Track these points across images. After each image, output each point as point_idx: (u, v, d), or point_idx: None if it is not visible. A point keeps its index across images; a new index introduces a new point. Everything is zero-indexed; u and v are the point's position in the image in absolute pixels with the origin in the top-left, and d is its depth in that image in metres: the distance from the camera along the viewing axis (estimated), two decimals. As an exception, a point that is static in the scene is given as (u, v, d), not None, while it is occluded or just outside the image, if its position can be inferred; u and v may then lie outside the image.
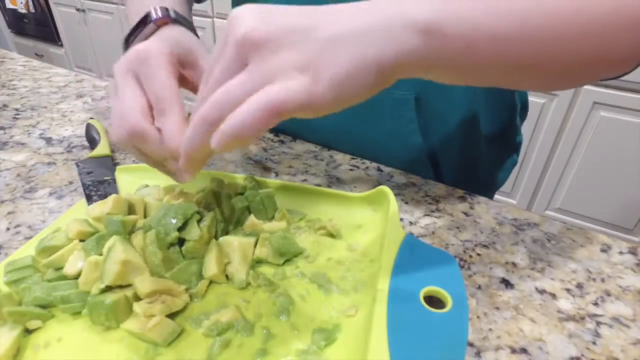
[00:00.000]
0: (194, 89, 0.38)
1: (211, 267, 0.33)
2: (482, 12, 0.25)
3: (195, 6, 2.23)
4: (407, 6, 0.24)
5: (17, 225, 0.41)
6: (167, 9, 0.39)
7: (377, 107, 0.53)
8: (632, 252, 0.39)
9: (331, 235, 0.39)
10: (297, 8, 0.25)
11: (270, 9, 0.25)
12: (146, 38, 0.38)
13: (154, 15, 0.39)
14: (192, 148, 0.27)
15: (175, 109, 0.32)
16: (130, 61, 0.33)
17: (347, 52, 0.23)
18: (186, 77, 0.38)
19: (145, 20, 0.39)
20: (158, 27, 0.39)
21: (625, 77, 1.24)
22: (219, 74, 0.26)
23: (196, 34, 0.41)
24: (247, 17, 0.24)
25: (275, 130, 0.62)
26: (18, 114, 0.66)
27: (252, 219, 0.39)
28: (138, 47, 0.33)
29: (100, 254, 0.32)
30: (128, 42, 0.41)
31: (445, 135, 0.55)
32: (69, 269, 0.32)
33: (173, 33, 0.38)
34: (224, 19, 1.99)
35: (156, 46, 0.33)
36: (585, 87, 1.39)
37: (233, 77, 0.25)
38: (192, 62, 0.37)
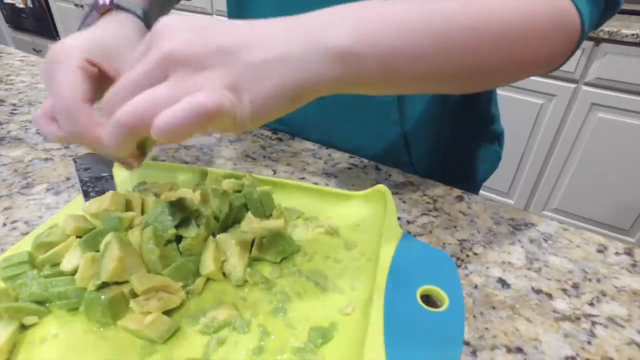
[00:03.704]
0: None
1: (208, 265, 0.33)
2: (398, 34, 0.27)
3: (195, 3, 2.21)
4: (325, 33, 0.25)
5: (14, 221, 0.41)
6: None
7: (362, 108, 0.54)
8: (628, 252, 0.39)
9: (328, 233, 0.39)
10: (225, 27, 0.25)
11: (199, 26, 0.25)
12: (89, 26, 0.37)
13: (100, 2, 0.37)
14: (114, 149, 0.26)
15: (74, 115, 0.29)
16: (47, 64, 0.31)
17: (268, 77, 0.24)
18: (107, 72, 0.34)
19: (96, 7, 0.38)
20: (101, 14, 0.38)
21: (623, 79, 1.24)
22: (138, 77, 0.25)
23: (147, 22, 0.39)
24: (176, 33, 0.24)
25: (274, 128, 0.62)
26: (15, 109, 0.66)
27: (249, 217, 0.39)
28: (54, 47, 0.31)
29: (97, 251, 0.32)
30: (82, 25, 0.40)
31: (416, 117, 0.55)
32: (66, 265, 0.32)
33: (107, 26, 0.36)
34: (224, 16, 1.99)
35: (72, 44, 0.32)
36: (584, 88, 1.40)
37: (152, 84, 0.24)
38: (114, 57, 0.34)
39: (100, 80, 0.33)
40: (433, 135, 0.57)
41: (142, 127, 0.23)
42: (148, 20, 0.40)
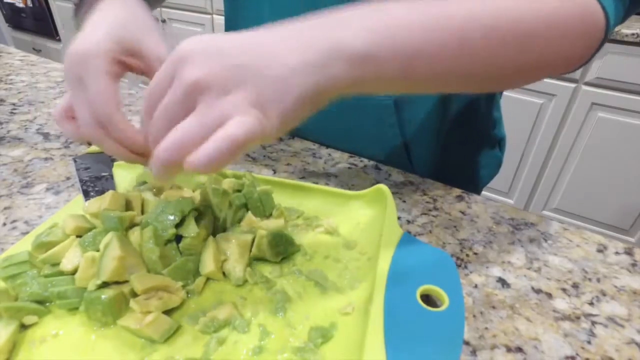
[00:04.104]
0: (143, 73, 0.36)
1: (208, 264, 0.33)
2: (416, 35, 0.27)
3: (195, 2, 2.20)
4: (343, 38, 0.25)
5: (14, 221, 0.41)
6: None
7: (359, 112, 0.54)
8: (628, 252, 0.39)
9: (328, 233, 0.39)
10: (241, 44, 0.26)
11: (218, 48, 0.25)
12: (91, 7, 0.36)
13: None
14: (162, 180, 0.27)
15: (114, 121, 0.30)
16: (71, 66, 0.31)
17: (290, 88, 0.25)
18: (132, 65, 0.35)
19: None
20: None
21: (624, 79, 1.23)
22: (171, 108, 0.26)
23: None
24: (197, 60, 0.25)
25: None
26: (15, 109, 0.66)
27: (249, 216, 0.39)
28: (76, 49, 0.31)
29: (97, 250, 0.32)
30: (78, 7, 0.38)
31: (415, 121, 0.55)
32: (66, 264, 0.32)
33: (118, 13, 0.35)
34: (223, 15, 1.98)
35: (95, 43, 0.31)
36: (584, 87, 1.39)
37: (185, 112, 0.25)
38: (138, 52, 0.34)
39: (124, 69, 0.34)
40: (433, 139, 0.57)
41: (180, 162, 0.24)
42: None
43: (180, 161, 0.24)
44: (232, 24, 0.60)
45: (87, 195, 0.43)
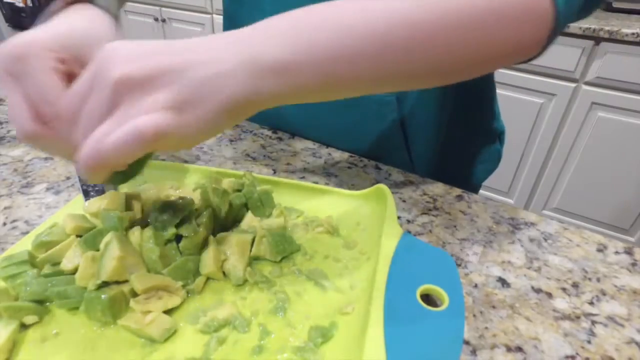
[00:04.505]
0: None
1: (208, 264, 0.33)
2: (336, 40, 0.27)
3: (195, 2, 2.21)
4: (262, 47, 0.26)
5: (14, 220, 0.41)
6: None
7: (360, 109, 0.54)
8: (628, 252, 0.39)
9: (328, 232, 0.39)
10: (170, 48, 0.26)
11: (144, 51, 0.25)
12: (52, 16, 0.34)
13: None
14: (90, 181, 0.27)
15: (59, 112, 0.28)
16: (6, 59, 0.28)
17: (211, 94, 0.25)
18: (76, 74, 0.30)
19: None
20: (67, 4, 0.35)
21: (624, 78, 1.23)
22: (93, 114, 0.25)
23: (116, 15, 0.37)
24: (121, 60, 0.24)
25: (274, 127, 0.62)
26: (15, 109, 0.66)
27: (249, 216, 0.39)
28: (16, 41, 0.28)
29: (97, 250, 0.32)
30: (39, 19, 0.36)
31: (415, 116, 0.55)
32: (66, 264, 0.32)
33: (74, 20, 0.33)
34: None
35: (40, 40, 0.29)
36: (584, 87, 1.39)
37: (108, 113, 0.25)
38: (83, 61, 0.31)
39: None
40: (433, 134, 0.57)
41: (103, 164, 0.24)
42: (117, 18, 0.38)
43: (101, 165, 0.24)
44: (231, 21, 0.60)
45: (87, 195, 0.43)
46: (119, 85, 0.24)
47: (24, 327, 0.30)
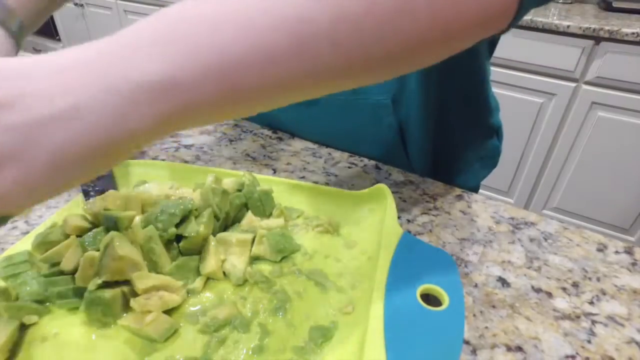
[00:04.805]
0: None
1: (208, 264, 0.33)
2: (232, 37, 0.20)
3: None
4: (131, 64, 0.19)
5: (14, 220, 0.41)
6: None
7: (356, 112, 0.53)
8: (628, 251, 0.39)
9: (328, 232, 0.39)
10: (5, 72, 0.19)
11: None
12: None
13: None
14: None
15: None
16: None
17: (47, 140, 0.18)
18: None
19: None
20: None
21: (624, 78, 1.23)
22: None
23: (17, 37, 0.33)
24: None
25: (274, 127, 0.62)
26: (15, 109, 0.66)
27: (249, 216, 0.39)
28: None
29: (97, 250, 0.32)
30: None
31: (412, 118, 0.54)
32: (66, 264, 0.32)
33: None
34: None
35: None
36: (584, 87, 1.39)
37: None
38: None
39: None
40: (431, 134, 0.57)
41: None
42: (22, 34, 0.33)
43: None
44: None
45: (87, 195, 0.43)
46: None
47: (24, 327, 0.30)
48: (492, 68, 1.38)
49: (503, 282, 0.36)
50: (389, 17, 0.22)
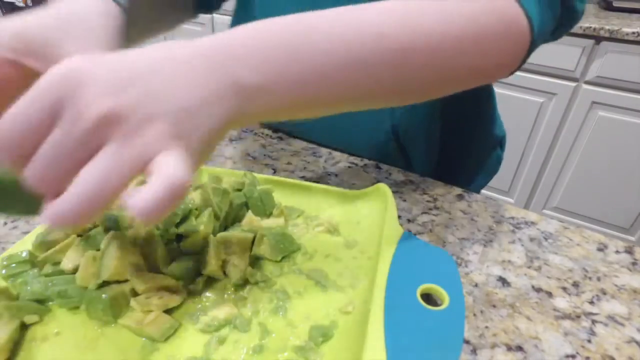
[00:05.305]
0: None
1: (209, 263, 0.33)
2: (315, 63, 0.25)
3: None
4: (233, 69, 0.24)
5: (15, 220, 0.41)
6: None
7: (354, 116, 0.53)
8: (628, 251, 0.39)
9: (329, 232, 0.39)
10: (146, 67, 0.22)
11: (118, 71, 0.21)
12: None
13: None
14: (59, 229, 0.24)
15: None
16: None
17: (202, 120, 0.23)
18: (31, 67, 0.28)
19: None
20: None
21: (624, 77, 1.23)
22: (63, 156, 0.20)
23: (128, 10, 0.34)
24: (98, 86, 0.20)
25: (274, 127, 0.62)
26: (15, 108, 0.66)
27: (250, 216, 0.39)
28: None
29: (98, 249, 0.32)
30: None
31: (415, 130, 0.55)
32: (67, 264, 0.32)
33: (50, 11, 0.30)
34: (225, 14, 1.98)
35: None
36: (584, 86, 1.39)
37: (83, 158, 0.20)
38: (49, 55, 0.28)
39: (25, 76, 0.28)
40: (429, 144, 0.57)
41: (101, 208, 0.20)
42: (128, 7, 0.33)
43: (99, 209, 0.20)
44: (242, 12, 0.60)
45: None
46: (104, 122, 0.20)
47: (24, 326, 0.30)
48: (493, 68, 1.37)
49: (503, 281, 0.36)
50: (442, 56, 0.28)
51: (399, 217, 0.43)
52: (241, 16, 0.60)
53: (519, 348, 0.30)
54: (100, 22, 0.31)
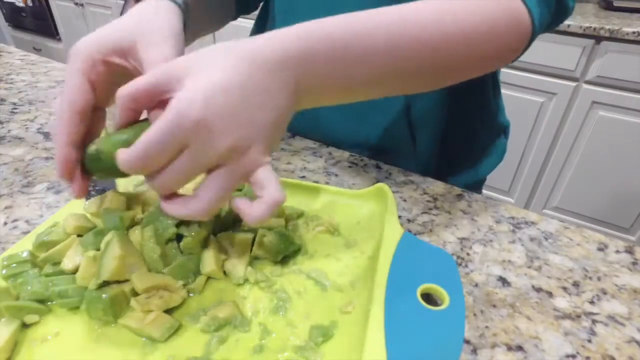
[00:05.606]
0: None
1: (209, 263, 0.33)
2: (363, 62, 0.30)
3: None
4: (302, 77, 0.28)
5: (15, 220, 0.41)
6: None
7: (368, 103, 0.54)
8: (629, 251, 0.39)
9: (329, 232, 0.39)
10: (239, 92, 0.26)
11: (224, 106, 0.26)
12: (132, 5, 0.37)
13: None
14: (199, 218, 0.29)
15: (59, 123, 0.31)
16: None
17: (283, 125, 0.29)
18: (128, 68, 0.34)
19: None
20: (137, 1, 0.36)
21: (624, 77, 1.23)
22: (186, 176, 0.27)
23: (186, 11, 0.38)
24: (217, 128, 0.26)
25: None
26: (16, 108, 0.66)
27: (250, 216, 0.39)
28: (75, 44, 0.32)
29: (98, 249, 0.32)
30: (124, 5, 0.41)
31: (422, 109, 0.56)
32: (67, 264, 0.32)
33: (131, 17, 0.34)
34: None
35: (83, 42, 0.32)
36: (585, 86, 1.39)
37: (176, 149, 0.26)
38: (133, 54, 0.33)
39: (117, 75, 0.33)
40: (439, 129, 0.57)
41: (218, 208, 0.29)
42: (187, 10, 0.38)
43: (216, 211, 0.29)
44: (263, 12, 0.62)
45: (87, 194, 0.43)
46: (225, 155, 0.26)
47: (25, 326, 0.30)
48: (493, 67, 1.38)
49: (503, 281, 0.36)
50: (459, 47, 0.33)
51: (399, 216, 0.43)
52: (262, 16, 0.63)
53: (519, 348, 0.30)
54: (171, 25, 0.35)
